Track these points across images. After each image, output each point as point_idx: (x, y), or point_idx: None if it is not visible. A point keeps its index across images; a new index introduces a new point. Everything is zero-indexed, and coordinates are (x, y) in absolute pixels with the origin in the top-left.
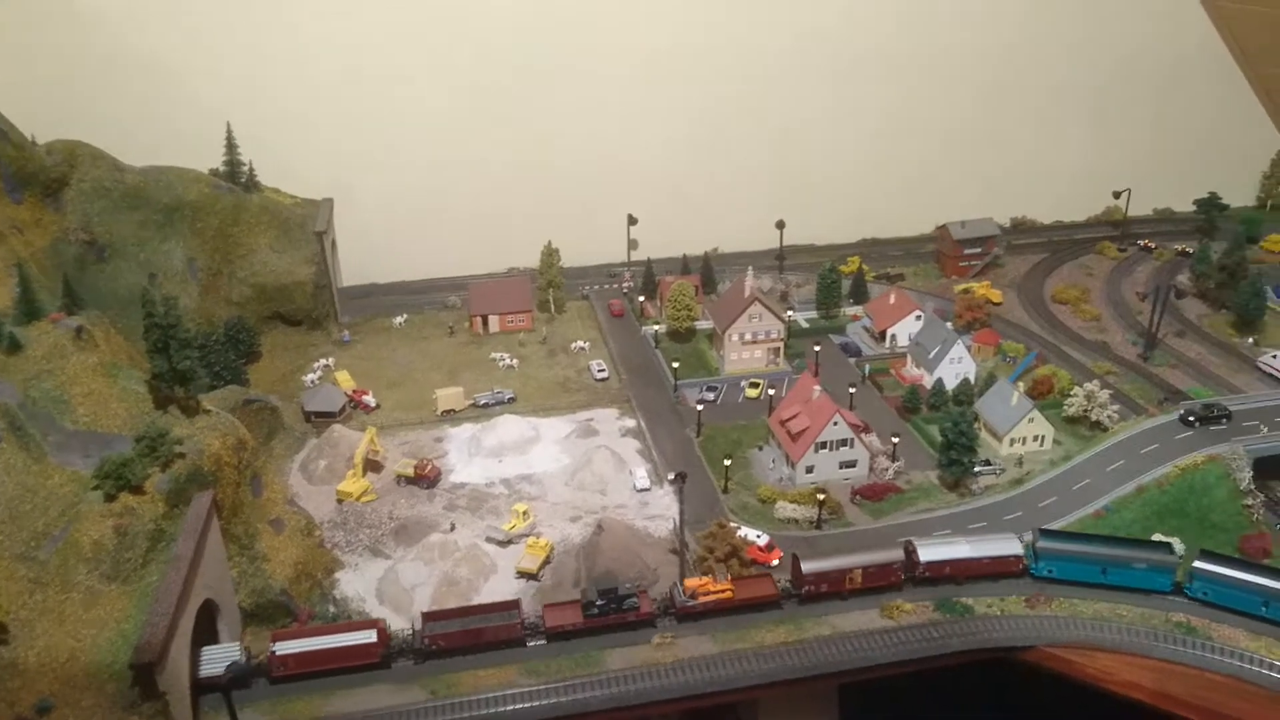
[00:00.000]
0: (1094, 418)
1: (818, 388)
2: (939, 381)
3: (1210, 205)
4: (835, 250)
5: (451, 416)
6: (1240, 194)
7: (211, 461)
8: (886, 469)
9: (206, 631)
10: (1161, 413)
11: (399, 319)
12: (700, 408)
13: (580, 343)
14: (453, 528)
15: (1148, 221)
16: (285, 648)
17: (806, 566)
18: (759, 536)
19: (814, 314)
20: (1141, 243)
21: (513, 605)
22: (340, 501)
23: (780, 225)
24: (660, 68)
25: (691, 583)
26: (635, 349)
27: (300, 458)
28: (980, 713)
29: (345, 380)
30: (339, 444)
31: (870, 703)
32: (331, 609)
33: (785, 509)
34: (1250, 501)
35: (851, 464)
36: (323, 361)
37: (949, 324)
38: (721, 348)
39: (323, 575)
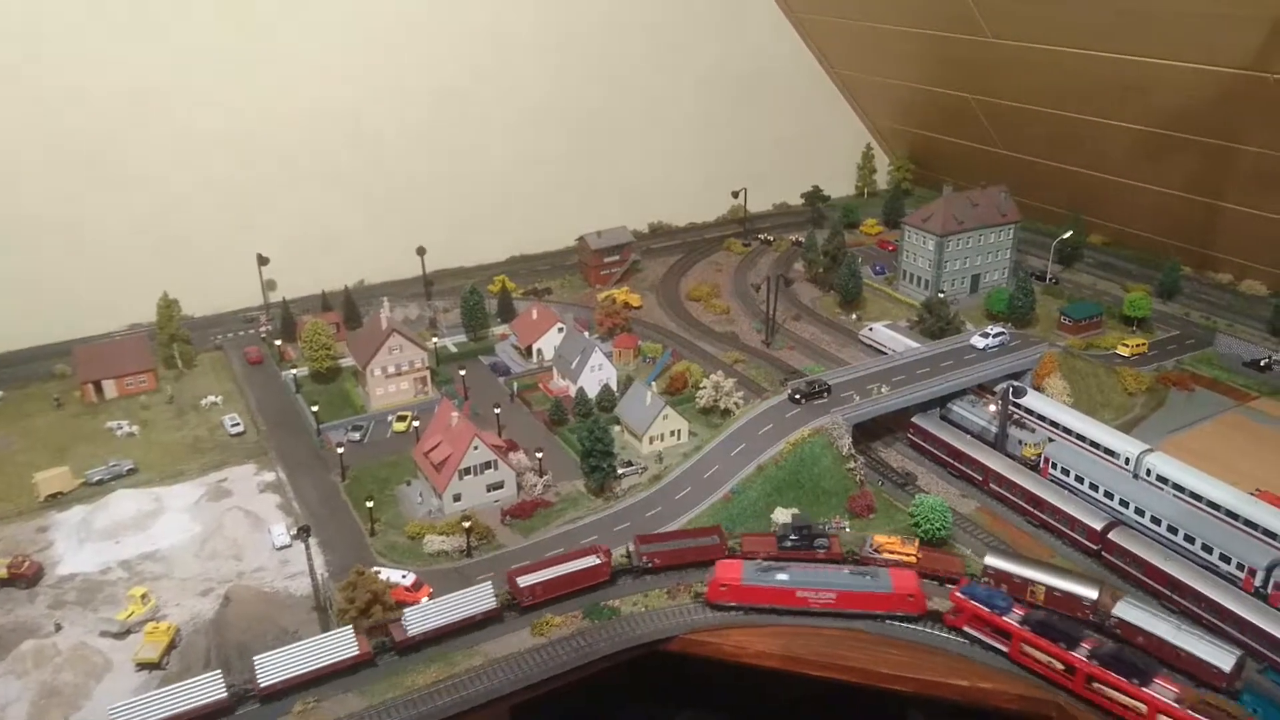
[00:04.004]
0: (723, 406)
1: (455, 414)
2: (581, 390)
3: (815, 197)
4: (485, 270)
5: (59, 500)
6: (841, 185)
7: None
8: (535, 485)
9: None
10: (774, 393)
11: None
12: (341, 450)
13: (212, 397)
14: (58, 628)
15: (768, 216)
16: (528, 580)
17: (990, 560)
18: (404, 576)
19: (463, 337)
20: (762, 236)
21: (714, 530)
22: None
23: (421, 252)
24: (274, 98)
25: (880, 538)
26: (275, 396)
27: None
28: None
29: None
30: None
31: (547, 712)
32: None
33: (434, 542)
34: (852, 465)
35: (499, 485)
36: None
37: (588, 333)
38: (365, 384)
39: None
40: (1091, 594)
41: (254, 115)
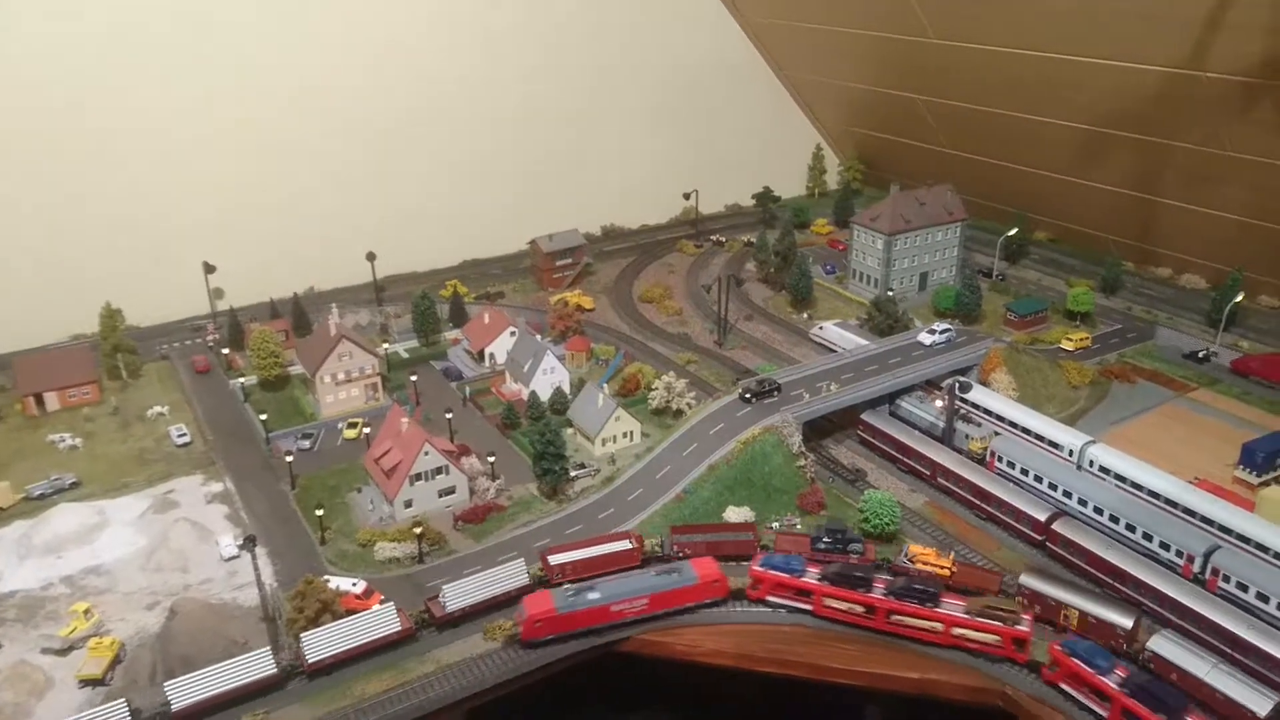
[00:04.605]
0: (675, 407)
1: (405, 420)
2: (533, 393)
3: (766, 198)
4: (437, 275)
5: None
6: (792, 186)
7: None
8: (488, 489)
9: None
10: (725, 393)
11: None
12: (290, 458)
13: (159, 408)
14: None
15: (721, 218)
16: (560, 559)
17: (1025, 579)
18: (354, 584)
19: (414, 343)
20: (714, 238)
21: (750, 527)
22: None
23: (371, 257)
24: (220, 105)
25: (916, 548)
26: (224, 406)
27: None
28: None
29: None
30: None
31: (503, 715)
32: None
33: (385, 549)
34: (803, 462)
35: (451, 490)
36: None
37: (540, 336)
38: (315, 391)
39: None
40: (1127, 622)
41: (198, 122)
